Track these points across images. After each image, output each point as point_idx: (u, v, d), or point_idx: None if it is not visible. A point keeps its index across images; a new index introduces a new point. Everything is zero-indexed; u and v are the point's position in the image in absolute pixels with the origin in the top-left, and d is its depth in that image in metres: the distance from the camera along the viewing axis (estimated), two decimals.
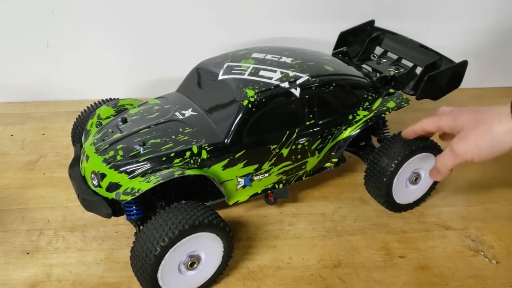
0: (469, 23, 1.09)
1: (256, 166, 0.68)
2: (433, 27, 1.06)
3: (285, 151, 0.69)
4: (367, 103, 0.75)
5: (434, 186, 0.79)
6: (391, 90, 0.78)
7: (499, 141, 0.55)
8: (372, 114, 0.74)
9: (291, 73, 0.69)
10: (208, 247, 0.60)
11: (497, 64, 1.17)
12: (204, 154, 0.63)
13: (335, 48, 0.89)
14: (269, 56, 0.74)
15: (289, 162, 0.71)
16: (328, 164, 0.76)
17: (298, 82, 0.68)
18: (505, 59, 1.16)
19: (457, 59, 0.77)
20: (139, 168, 0.61)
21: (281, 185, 0.73)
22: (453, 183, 0.85)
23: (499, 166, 0.90)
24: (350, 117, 0.74)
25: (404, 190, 0.76)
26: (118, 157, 0.62)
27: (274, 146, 0.67)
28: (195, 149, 0.63)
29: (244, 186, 0.69)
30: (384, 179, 0.72)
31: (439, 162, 0.62)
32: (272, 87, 0.66)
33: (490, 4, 1.06)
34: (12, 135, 0.97)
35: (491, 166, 0.90)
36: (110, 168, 0.61)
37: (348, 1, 1.04)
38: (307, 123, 0.69)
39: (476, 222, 0.77)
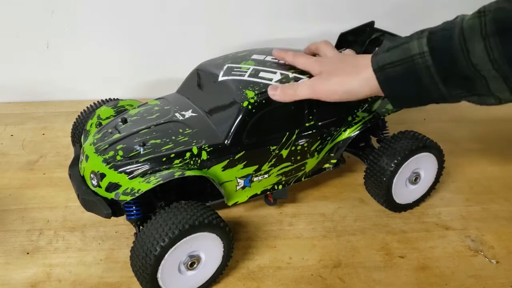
0: None
1: (255, 167, 0.68)
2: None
3: (284, 152, 0.69)
4: (366, 105, 0.75)
5: (434, 186, 0.79)
6: None
7: (356, 92, 0.60)
8: (371, 116, 0.74)
9: (291, 75, 0.69)
10: (208, 247, 0.60)
11: None
12: (204, 155, 0.63)
13: None
14: (269, 58, 0.74)
15: (289, 163, 0.71)
16: (327, 165, 0.76)
17: None
18: None
19: None
20: (139, 169, 0.61)
21: (280, 186, 0.73)
22: (453, 183, 0.85)
23: (499, 166, 0.90)
24: (350, 118, 0.74)
25: (404, 190, 0.76)
26: (118, 157, 0.62)
27: (274, 147, 0.67)
28: (195, 150, 0.63)
29: (243, 187, 0.69)
30: (384, 179, 0.72)
31: (292, 89, 0.64)
32: None
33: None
34: (12, 135, 0.97)
35: (491, 166, 0.90)
36: (109, 168, 0.61)
37: (348, 1, 1.04)
38: (307, 124, 0.69)
39: (476, 222, 0.77)
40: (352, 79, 0.59)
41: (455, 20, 0.52)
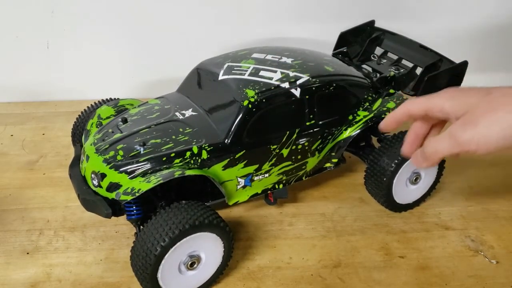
0: (470, 23, 1.09)
1: (256, 166, 0.68)
2: (433, 27, 1.06)
3: (285, 152, 0.69)
4: (367, 104, 0.75)
5: (434, 186, 0.79)
6: (391, 91, 0.78)
7: None
8: (372, 115, 0.74)
9: (291, 74, 0.69)
10: (208, 247, 0.60)
11: (497, 65, 1.17)
12: (204, 154, 0.63)
13: (335, 49, 0.89)
14: (269, 57, 0.74)
15: (289, 163, 0.71)
16: (328, 165, 0.76)
17: (298, 82, 0.68)
18: (506, 59, 1.16)
19: (457, 60, 0.77)
20: (139, 168, 0.61)
21: (281, 186, 0.73)
22: (453, 183, 0.85)
23: (499, 166, 0.90)
24: (350, 117, 0.74)
25: (404, 190, 0.76)
26: (119, 157, 0.62)
27: (274, 147, 0.67)
28: (195, 149, 0.63)
29: (244, 186, 0.69)
30: (384, 179, 0.72)
31: (431, 147, 0.47)
32: (273, 88, 0.66)
33: (490, 4, 1.07)
34: (12, 135, 0.97)
35: (491, 166, 0.90)
36: (110, 168, 0.61)
37: (348, 1, 1.04)
38: (307, 123, 0.69)
39: (476, 222, 0.77)
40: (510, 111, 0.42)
41: None
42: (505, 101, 0.43)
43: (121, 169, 0.61)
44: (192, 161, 0.63)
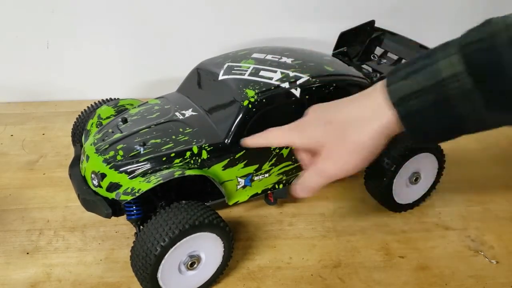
0: (470, 23, 1.08)
1: (256, 166, 0.68)
2: (433, 27, 1.06)
3: (285, 151, 0.69)
4: None
5: (434, 186, 0.79)
6: None
7: (372, 150, 0.47)
8: None
9: (291, 74, 0.69)
10: (208, 247, 0.60)
11: None
12: (204, 154, 0.63)
13: (335, 48, 0.89)
14: (269, 57, 0.74)
15: (289, 162, 0.71)
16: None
17: (298, 82, 0.68)
18: None
19: None
20: (139, 168, 0.61)
21: (281, 186, 0.73)
22: (453, 183, 0.85)
23: (499, 166, 0.90)
24: None
25: (404, 190, 0.76)
26: (118, 157, 0.62)
27: (275, 147, 0.67)
28: (195, 149, 0.63)
29: (244, 186, 0.69)
30: (384, 179, 0.72)
31: (308, 182, 0.51)
32: (273, 88, 0.66)
33: (490, 4, 1.07)
34: (12, 135, 0.97)
35: (491, 166, 0.90)
36: (110, 168, 0.61)
37: (348, 1, 1.04)
38: None
39: (476, 222, 0.77)
40: (362, 136, 0.46)
41: (490, 25, 0.40)
42: (345, 129, 0.47)
43: (121, 169, 0.61)
44: (192, 161, 0.63)
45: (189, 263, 0.59)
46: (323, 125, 0.49)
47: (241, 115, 0.64)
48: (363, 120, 0.46)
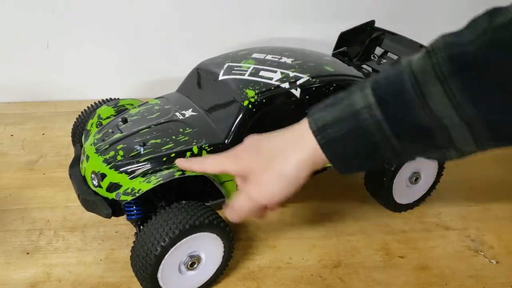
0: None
1: None
2: (433, 27, 1.06)
3: None
4: None
5: (434, 186, 0.79)
6: None
7: (293, 178, 0.50)
8: None
9: (291, 74, 0.69)
10: (208, 247, 0.60)
11: None
12: (205, 155, 0.63)
13: (335, 49, 0.89)
14: (269, 57, 0.74)
15: None
16: (328, 165, 0.76)
17: (298, 82, 0.68)
18: None
19: None
20: (139, 169, 0.61)
21: None
22: (453, 183, 0.85)
23: (499, 166, 0.90)
24: None
25: (404, 190, 0.76)
26: (119, 157, 0.62)
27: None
28: (195, 150, 0.63)
29: None
30: (384, 179, 0.72)
31: (237, 206, 0.53)
32: (273, 88, 0.66)
33: (490, 4, 1.06)
34: (12, 135, 0.97)
35: (491, 166, 0.90)
36: (110, 168, 0.61)
37: (348, 1, 1.04)
38: None
39: (476, 222, 0.77)
40: (286, 165, 0.49)
41: (399, 64, 0.43)
42: (273, 158, 0.50)
43: (121, 169, 0.61)
44: None
45: (189, 263, 0.59)
46: (254, 153, 0.52)
47: (241, 115, 0.64)
48: (288, 150, 0.49)
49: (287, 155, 0.49)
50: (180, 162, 0.61)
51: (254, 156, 0.52)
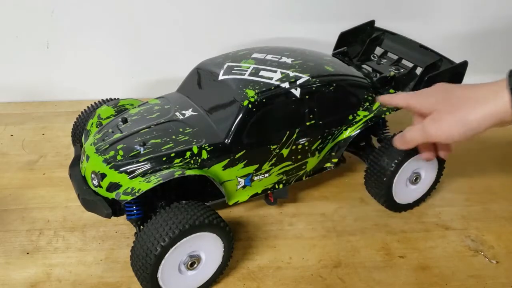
0: (470, 23, 1.09)
1: (256, 166, 0.68)
2: (433, 27, 1.06)
3: (285, 151, 0.69)
4: (367, 104, 0.75)
5: (434, 186, 0.79)
6: (391, 91, 0.78)
7: (474, 128, 0.53)
8: (372, 115, 0.74)
9: (291, 74, 0.69)
10: (208, 247, 0.60)
11: (497, 65, 1.17)
12: (205, 154, 0.63)
13: (335, 48, 0.89)
14: (269, 57, 0.74)
15: (289, 162, 0.71)
16: (328, 164, 0.76)
17: (298, 82, 0.68)
18: (506, 60, 1.16)
19: (457, 60, 0.77)
20: (139, 168, 0.61)
21: (281, 185, 0.73)
22: (453, 183, 0.85)
23: (499, 166, 0.90)
24: (350, 117, 0.74)
25: (404, 190, 0.76)
26: (119, 157, 0.62)
27: (274, 146, 0.67)
28: (195, 149, 0.63)
29: (244, 186, 0.69)
30: (384, 179, 0.72)
31: (408, 135, 0.60)
32: (273, 88, 0.66)
33: (491, 5, 1.06)
34: (12, 135, 0.97)
35: (491, 165, 0.90)
36: (110, 168, 0.61)
37: (348, 1, 1.04)
38: (308, 123, 0.69)
39: (476, 222, 0.77)
40: (471, 114, 0.52)
41: None
42: (462, 103, 0.53)
43: (121, 169, 0.61)
44: (192, 161, 0.63)
45: (189, 263, 0.59)
46: (444, 94, 0.56)
47: (241, 115, 0.64)
48: (478, 101, 0.52)
49: (477, 106, 0.52)
50: (382, 98, 0.66)
51: (443, 97, 0.56)
